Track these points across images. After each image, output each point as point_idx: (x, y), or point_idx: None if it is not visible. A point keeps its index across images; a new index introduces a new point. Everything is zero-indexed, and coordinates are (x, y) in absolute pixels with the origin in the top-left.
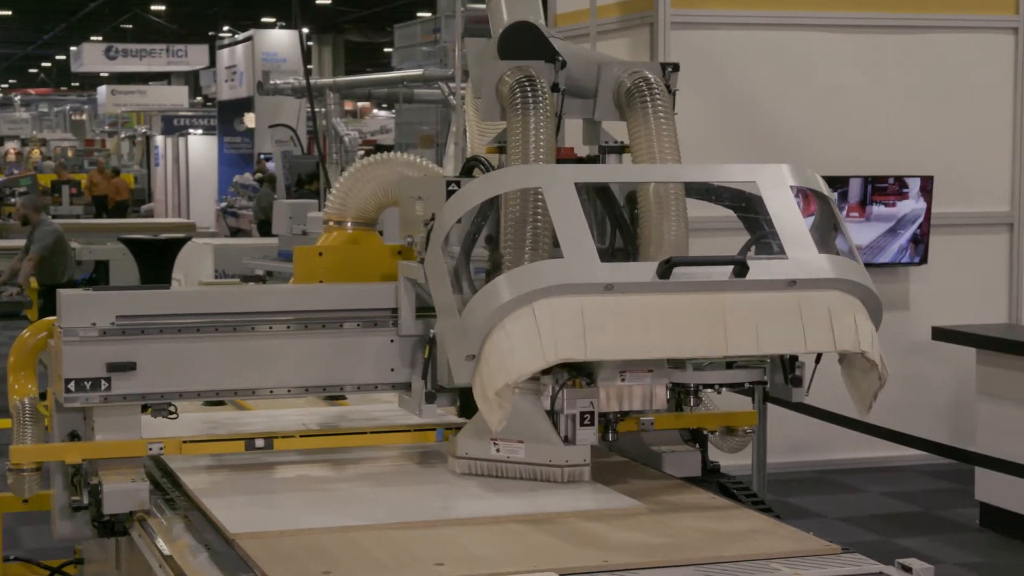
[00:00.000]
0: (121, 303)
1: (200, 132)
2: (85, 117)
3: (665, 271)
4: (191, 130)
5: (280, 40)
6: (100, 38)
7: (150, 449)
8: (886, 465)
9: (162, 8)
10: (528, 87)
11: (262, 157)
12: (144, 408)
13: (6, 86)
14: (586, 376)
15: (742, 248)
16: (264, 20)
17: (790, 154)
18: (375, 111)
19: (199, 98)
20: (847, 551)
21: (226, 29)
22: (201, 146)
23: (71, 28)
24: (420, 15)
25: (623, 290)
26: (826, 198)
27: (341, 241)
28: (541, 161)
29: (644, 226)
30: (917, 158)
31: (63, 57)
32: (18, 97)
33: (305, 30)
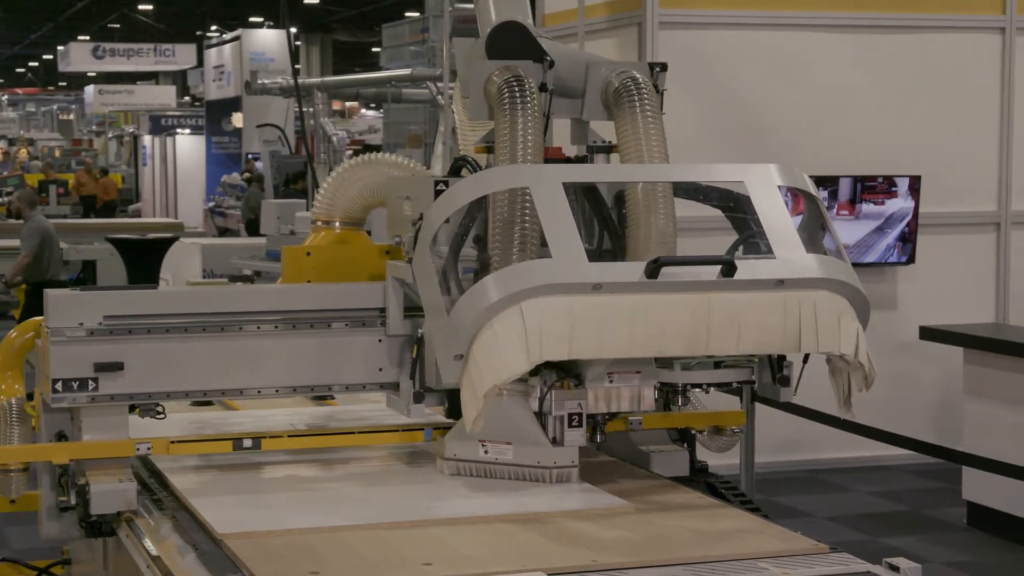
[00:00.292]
0: (109, 303)
1: (188, 132)
2: (72, 117)
3: (653, 271)
4: (179, 130)
5: (268, 40)
6: (88, 37)
7: (138, 449)
8: (874, 464)
9: (150, 8)
10: (516, 87)
11: (250, 157)
12: (132, 408)
13: None
14: (574, 377)
15: (730, 248)
16: (252, 20)
17: (779, 154)
18: (363, 111)
19: (187, 98)
20: (835, 550)
21: (214, 29)
22: (189, 146)
23: (58, 27)
24: (408, 15)
25: (611, 290)
26: (814, 198)
27: (329, 241)
28: (529, 161)
29: (632, 226)
30: (905, 157)
31: (50, 57)
32: (5, 97)
33: (293, 30)
